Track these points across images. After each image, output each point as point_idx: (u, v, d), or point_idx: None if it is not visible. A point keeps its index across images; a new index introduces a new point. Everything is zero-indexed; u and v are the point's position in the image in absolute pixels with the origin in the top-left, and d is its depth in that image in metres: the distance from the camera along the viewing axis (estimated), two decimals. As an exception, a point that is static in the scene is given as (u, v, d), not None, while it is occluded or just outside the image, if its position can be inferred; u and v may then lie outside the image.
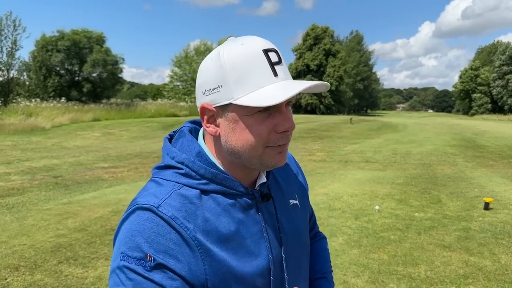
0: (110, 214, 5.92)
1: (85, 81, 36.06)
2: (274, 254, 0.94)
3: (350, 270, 4.10)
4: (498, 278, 3.97)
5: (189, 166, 0.90)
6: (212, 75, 0.86)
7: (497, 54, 69.64)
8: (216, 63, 0.86)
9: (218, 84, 0.85)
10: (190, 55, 43.86)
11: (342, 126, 26.32)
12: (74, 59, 35.19)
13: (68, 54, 34.64)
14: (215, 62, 0.86)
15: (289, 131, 0.88)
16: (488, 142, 17.22)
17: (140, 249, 0.79)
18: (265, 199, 0.97)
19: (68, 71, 36.97)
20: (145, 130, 20.85)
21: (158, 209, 0.83)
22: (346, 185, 8.31)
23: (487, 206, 6.43)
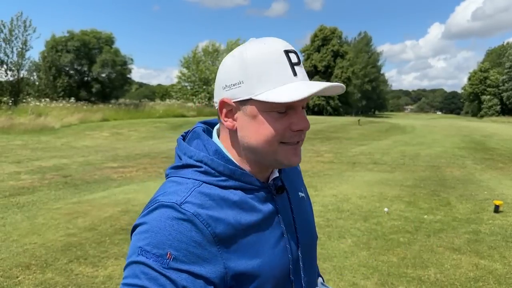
0: (119, 214, 5.97)
1: (94, 81, 36.43)
2: (292, 248, 0.99)
3: (359, 272, 4.09)
4: (509, 281, 3.94)
5: (208, 164, 0.92)
6: (234, 71, 0.90)
7: (507, 56, 69.00)
8: (238, 60, 0.89)
9: (239, 80, 0.88)
10: (198, 56, 44.02)
11: (350, 128, 26.23)
12: (84, 60, 35.56)
13: (78, 55, 35.02)
14: (237, 59, 0.90)
15: (303, 130, 0.91)
16: (497, 145, 17.06)
17: (161, 247, 0.81)
18: (280, 192, 1.00)
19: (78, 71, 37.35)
20: (153, 130, 20.95)
21: (180, 207, 0.84)
22: (355, 186, 8.29)
23: (497, 209, 6.38)
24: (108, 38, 37.08)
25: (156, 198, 0.90)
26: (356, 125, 28.58)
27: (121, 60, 37.05)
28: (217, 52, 44.78)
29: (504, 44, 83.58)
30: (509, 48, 74.15)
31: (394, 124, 32.25)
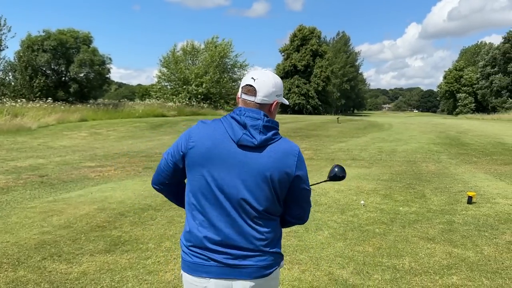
0: (96, 211, 5.89)
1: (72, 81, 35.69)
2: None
3: (335, 262, 4.14)
4: (481, 268, 4.05)
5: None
6: (281, 87, 1.86)
7: (481, 55, 70.70)
8: (280, 81, 1.87)
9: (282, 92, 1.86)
10: (177, 56, 43.65)
11: (329, 126, 26.47)
12: (61, 59, 34.80)
13: (55, 54, 34.26)
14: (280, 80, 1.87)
15: None
16: (471, 140, 17.49)
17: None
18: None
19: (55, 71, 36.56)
20: (132, 130, 20.71)
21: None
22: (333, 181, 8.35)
23: (470, 200, 6.55)
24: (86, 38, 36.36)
25: None
26: (335, 123, 28.85)
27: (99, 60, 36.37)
28: (196, 50, 44.50)
29: (478, 44, 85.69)
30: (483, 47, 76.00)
31: (372, 122, 32.69)
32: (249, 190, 1.68)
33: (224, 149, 1.69)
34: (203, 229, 1.71)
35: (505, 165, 10.84)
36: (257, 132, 1.68)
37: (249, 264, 1.69)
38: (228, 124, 1.73)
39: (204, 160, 1.71)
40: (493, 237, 4.98)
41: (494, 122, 40.17)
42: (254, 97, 1.75)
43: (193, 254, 1.73)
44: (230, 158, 1.68)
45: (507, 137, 19.16)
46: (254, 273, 1.69)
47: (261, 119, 1.70)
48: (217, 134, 1.72)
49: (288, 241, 4.76)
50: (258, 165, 1.67)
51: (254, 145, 1.67)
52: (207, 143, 1.71)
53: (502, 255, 4.41)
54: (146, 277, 3.75)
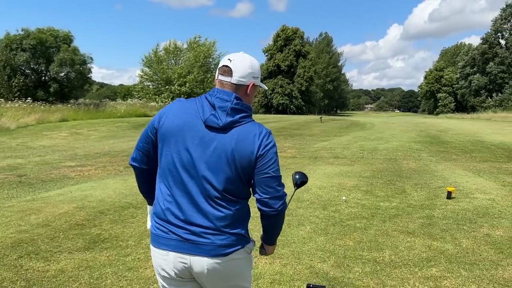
0: (75, 210, 5.79)
1: (52, 81, 35.12)
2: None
3: (316, 256, 4.16)
4: (459, 260, 4.12)
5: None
6: (258, 69, 1.88)
7: (461, 55, 72.06)
8: (257, 63, 1.88)
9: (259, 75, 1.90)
10: (159, 55, 43.30)
11: (313, 125, 26.60)
12: (40, 59, 34.20)
13: (34, 54, 33.65)
14: (257, 63, 1.87)
15: None
16: (451, 138, 17.79)
17: None
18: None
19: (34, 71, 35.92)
20: (114, 130, 20.46)
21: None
22: (315, 178, 8.41)
23: (450, 195, 6.66)
24: (66, 37, 35.80)
25: None
26: (318, 123, 29.02)
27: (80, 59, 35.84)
28: (179, 50, 44.19)
29: (458, 44, 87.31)
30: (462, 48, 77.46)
31: (354, 121, 33.00)
32: (211, 170, 1.71)
33: (192, 128, 1.74)
34: (167, 203, 1.76)
35: (484, 162, 11.05)
36: (224, 114, 1.71)
37: (207, 241, 1.71)
38: (200, 104, 1.77)
39: (172, 136, 1.75)
40: (471, 230, 5.06)
41: (473, 121, 40.97)
42: (230, 78, 1.77)
43: (157, 226, 1.79)
44: (196, 137, 1.73)
45: (486, 135, 19.55)
46: (212, 251, 1.71)
47: (230, 101, 1.73)
48: (188, 113, 1.76)
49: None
50: (221, 146, 1.70)
51: (219, 126, 1.71)
52: (177, 121, 1.76)
53: (480, 247, 4.48)
54: (125, 273, 3.70)
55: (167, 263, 1.77)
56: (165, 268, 1.78)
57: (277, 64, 67.29)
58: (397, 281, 3.61)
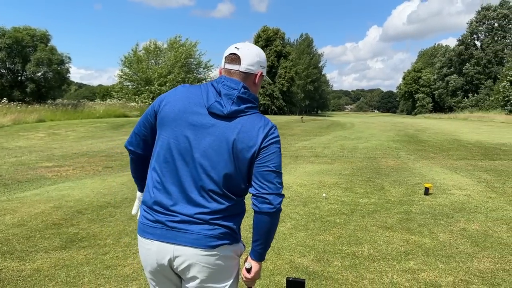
0: (51, 210, 5.67)
1: (29, 81, 34.33)
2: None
3: (296, 251, 4.18)
4: (436, 253, 4.19)
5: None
6: (265, 58, 1.83)
7: (438, 57, 73.53)
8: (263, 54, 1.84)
9: (266, 65, 1.85)
10: (139, 55, 42.82)
11: (294, 125, 26.74)
12: (16, 58, 33.38)
13: (10, 53, 32.82)
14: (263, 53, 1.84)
15: None
16: (429, 138, 18.13)
17: None
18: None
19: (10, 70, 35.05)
20: (93, 130, 20.13)
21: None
22: (296, 176, 8.46)
23: (427, 191, 6.78)
24: (43, 36, 35.04)
25: None
26: (299, 123, 29.19)
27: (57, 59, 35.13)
28: (159, 50, 43.81)
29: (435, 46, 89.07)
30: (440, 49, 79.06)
31: (335, 121, 33.31)
32: (209, 159, 1.63)
33: (193, 114, 1.66)
34: (156, 191, 1.69)
35: (460, 160, 11.29)
36: (229, 102, 1.64)
37: (194, 230, 1.62)
38: (205, 90, 1.69)
39: (171, 121, 1.68)
40: (448, 225, 5.16)
41: (450, 120, 41.85)
42: (239, 66, 1.71)
43: (144, 215, 1.72)
44: (197, 124, 1.65)
45: (462, 134, 20.00)
46: (199, 241, 1.61)
47: (237, 89, 1.66)
48: (191, 98, 1.69)
49: (250, 233, 4.74)
50: (223, 135, 1.63)
51: (223, 114, 1.63)
52: (179, 105, 1.68)
53: (456, 241, 4.57)
54: (103, 271, 3.64)
55: (151, 253, 1.69)
56: (151, 259, 1.70)
57: (258, 64, 67.38)
58: (376, 274, 3.65)
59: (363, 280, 3.53)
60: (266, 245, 1.72)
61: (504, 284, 3.47)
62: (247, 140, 1.62)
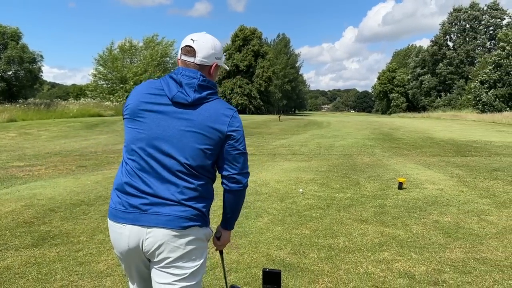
0: (23, 208, 5.52)
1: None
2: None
3: (273, 244, 4.19)
4: (410, 244, 4.27)
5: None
6: (220, 50, 1.91)
7: (412, 57, 75.09)
8: (220, 44, 1.91)
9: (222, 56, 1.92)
10: (114, 54, 42.14)
11: (271, 124, 26.84)
12: (-15, 56, 32.43)
13: (-22, 51, 31.88)
14: (219, 43, 1.89)
15: None
16: (403, 136, 18.49)
17: None
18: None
19: (-22, 69, 34.02)
20: (66, 130, 19.70)
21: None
22: (273, 173, 8.48)
23: (401, 186, 6.91)
24: (14, 33, 34.08)
25: None
26: (277, 122, 29.32)
27: (29, 57, 34.26)
28: (134, 48, 43.22)
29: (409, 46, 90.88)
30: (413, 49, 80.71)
31: (312, 120, 33.60)
32: (177, 146, 1.71)
33: (157, 105, 1.75)
34: (128, 175, 1.76)
35: (433, 157, 11.55)
36: (191, 90, 1.73)
37: (166, 212, 1.69)
38: (165, 82, 1.78)
39: (137, 114, 1.77)
40: (421, 217, 5.27)
41: (424, 119, 42.80)
42: (194, 58, 1.80)
43: (116, 199, 1.77)
44: (162, 114, 1.74)
45: (435, 132, 20.48)
46: (171, 222, 1.68)
47: (196, 78, 1.76)
48: (154, 91, 1.78)
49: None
50: (189, 122, 1.72)
51: (187, 102, 1.72)
52: (143, 98, 1.78)
53: (429, 232, 4.68)
54: (76, 268, 3.57)
55: (123, 237, 1.73)
56: (122, 243, 1.75)
57: (235, 64, 67.26)
58: (351, 265, 3.70)
59: (339, 270, 3.57)
60: (235, 217, 1.96)
61: (475, 272, 3.57)
62: (213, 125, 1.73)
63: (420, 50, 74.81)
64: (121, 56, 42.44)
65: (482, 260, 3.84)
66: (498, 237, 4.51)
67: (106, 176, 8.26)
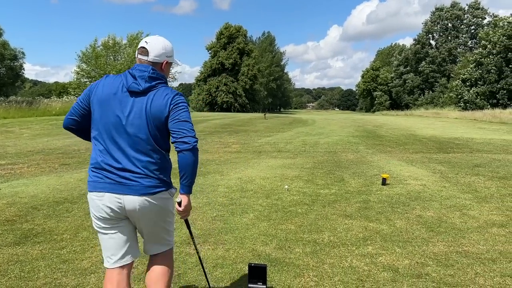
0: (4, 206, 5.43)
1: (-22, 77, 32.71)
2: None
3: (259, 240, 4.21)
4: (393, 239, 4.34)
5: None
6: (171, 50, 2.33)
7: (395, 55, 75.93)
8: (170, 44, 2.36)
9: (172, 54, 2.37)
10: (97, 51, 41.56)
11: (257, 122, 26.87)
12: (-36, 53, 31.73)
13: (-44, 47, 31.14)
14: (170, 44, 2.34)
15: None
16: (386, 133, 18.71)
17: None
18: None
19: (-44, 66, 33.27)
20: (49, 128, 19.40)
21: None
22: (259, 170, 8.50)
23: (385, 181, 6.99)
24: (-6, 30, 33.52)
25: None
26: (262, 119, 29.36)
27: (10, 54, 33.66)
28: (118, 45, 42.70)
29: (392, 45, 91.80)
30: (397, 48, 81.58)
31: (297, 118, 33.75)
32: (136, 127, 2.17)
33: (118, 94, 2.21)
34: (101, 154, 2.21)
35: (416, 153, 11.72)
36: (143, 81, 2.21)
37: (136, 183, 2.17)
38: (124, 76, 2.25)
39: (102, 102, 2.22)
40: (404, 212, 5.35)
41: (407, 117, 43.32)
42: (147, 57, 2.28)
43: (93, 174, 2.23)
44: (122, 101, 2.20)
45: (418, 130, 20.77)
46: (141, 190, 2.17)
47: (147, 71, 2.23)
48: (115, 83, 2.25)
49: (214, 224, 4.74)
50: (142, 105, 2.18)
51: (139, 91, 2.19)
52: (106, 89, 2.24)
53: (412, 227, 4.75)
54: (60, 266, 3.53)
55: (103, 203, 2.19)
56: (102, 208, 2.20)
57: (221, 61, 67.09)
58: (336, 259, 3.74)
59: (324, 265, 3.60)
60: (191, 179, 2.21)
61: (457, 265, 3.64)
62: (159, 106, 2.18)
63: (403, 48, 75.70)
64: (105, 53, 41.88)
65: (464, 253, 3.92)
66: (479, 231, 4.61)
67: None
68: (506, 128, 23.02)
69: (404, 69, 70.30)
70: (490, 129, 22.27)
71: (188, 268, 3.51)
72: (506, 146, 13.52)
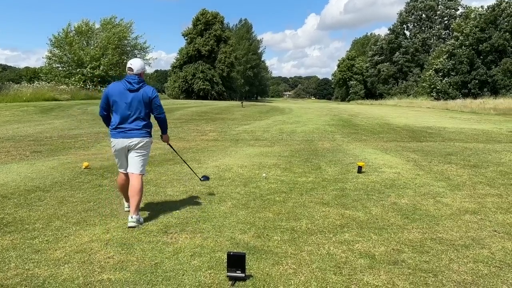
0: (-28, 195, 5.23)
1: None
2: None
3: (237, 228, 4.19)
4: (369, 226, 4.40)
5: None
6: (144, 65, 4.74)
7: (370, 45, 76.70)
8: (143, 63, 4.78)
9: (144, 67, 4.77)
10: (70, 36, 40.36)
11: (234, 110, 26.74)
12: None
13: None
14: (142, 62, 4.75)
15: None
16: (361, 122, 18.95)
17: None
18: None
19: None
20: (19, 114, 18.78)
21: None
22: (237, 158, 8.47)
23: (360, 169, 7.08)
24: (-43, 11, 32.07)
25: None
26: (239, 107, 29.25)
27: (-25, 37, 32.31)
28: (91, 31, 41.56)
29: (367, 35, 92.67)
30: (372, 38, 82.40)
31: (274, 106, 33.75)
32: (135, 107, 4.34)
33: (124, 93, 4.33)
34: (117, 121, 4.36)
35: (390, 142, 11.92)
36: (136, 84, 4.33)
37: (136, 133, 4.36)
38: (124, 82, 4.34)
39: (116, 98, 4.33)
40: (380, 200, 5.43)
41: (381, 106, 44.00)
42: (133, 71, 4.37)
43: (113, 130, 4.39)
44: (127, 96, 4.32)
45: (392, 119, 21.12)
46: (138, 136, 4.37)
47: (136, 79, 4.35)
48: (120, 87, 4.35)
49: (191, 213, 4.70)
50: (137, 97, 4.33)
51: (134, 89, 4.32)
52: (116, 90, 4.36)
53: (387, 214, 4.83)
54: (32, 256, 3.43)
55: (119, 142, 4.36)
56: (119, 146, 4.37)
57: (197, 48, 66.15)
58: (313, 246, 3.76)
59: (302, 252, 3.62)
60: (165, 128, 4.66)
61: (432, 251, 3.71)
62: (146, 96, 4.35)
63: (378, 38, 76.50)
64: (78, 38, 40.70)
65: (438, 240, 4.01)
66: (452, 218, 4.72)
67: (62, 161, 7.96)
68: (476, 117, 23.68)
69: (378, 58, 71.16)
70: (462, 118, 22.86)
71: (165, 257, 3.47)
72: (477, 135, 13.91)
